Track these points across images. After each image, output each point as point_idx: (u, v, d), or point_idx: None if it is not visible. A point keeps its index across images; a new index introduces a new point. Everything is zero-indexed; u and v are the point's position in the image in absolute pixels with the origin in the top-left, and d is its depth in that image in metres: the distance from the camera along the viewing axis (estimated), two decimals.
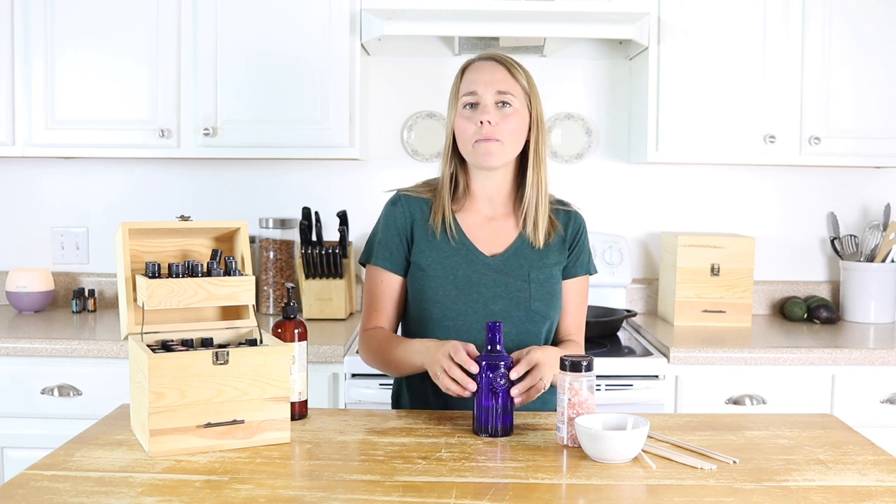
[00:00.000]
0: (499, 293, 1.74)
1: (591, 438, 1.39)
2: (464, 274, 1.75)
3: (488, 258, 1.76)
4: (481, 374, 1.52)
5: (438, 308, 1.75)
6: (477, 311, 1.74)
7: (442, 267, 1.75)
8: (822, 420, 1.66)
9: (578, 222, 1.83)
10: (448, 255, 1.76)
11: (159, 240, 1.57)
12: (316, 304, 2.75)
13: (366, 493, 1.25)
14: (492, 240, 1.78)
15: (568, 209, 1.84)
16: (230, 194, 2.98)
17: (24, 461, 2.05)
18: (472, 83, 1.71)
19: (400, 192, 1.83)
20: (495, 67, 1.71)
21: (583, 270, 1.83)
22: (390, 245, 1.79)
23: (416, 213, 1.79)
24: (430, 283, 1.75)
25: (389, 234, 1.79)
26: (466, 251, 1.76)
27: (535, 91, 1.75)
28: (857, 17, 2.61)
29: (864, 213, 3.00)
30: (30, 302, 2.83)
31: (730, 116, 2.63)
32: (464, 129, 1.71)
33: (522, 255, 1.77)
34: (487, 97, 1.69)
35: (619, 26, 2.57)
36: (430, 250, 1.76)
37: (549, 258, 1.78)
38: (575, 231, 1.82)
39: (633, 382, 2.32)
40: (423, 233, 1.78)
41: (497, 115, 1.69)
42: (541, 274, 1.76)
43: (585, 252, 1.84)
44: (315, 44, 2.60)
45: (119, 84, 2.62)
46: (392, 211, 1.81)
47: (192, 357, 1.42)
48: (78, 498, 1.23)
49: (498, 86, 1.69)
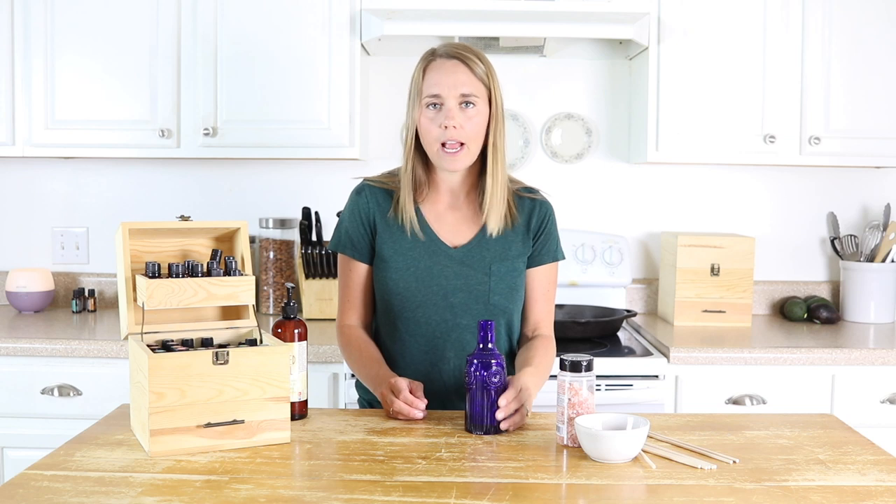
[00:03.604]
0: (459, 286, 1.76)
1: (591, 438, 1.39)
2: (425, 266, 1.76)
3: (451, 249, 1.77)
4: (473, 373, 1.53)
5: (399, 299, 1.77)
6: (436, 304, 1.76)
7: (403, 258, 1.77)
8: (822, 420, 1.66)
9: (545, 210, 1.83)
10: (410, 246, 1.77)
11: (159, 240, 1.57)
12: (316, 304, 2.75)
13: (366, 493, 1.25)
14: (455, 231, 1.79)
15: (534, 197, 1.84)
16: (230, 194, 2.98)
17: (24, 461, 2.05)
18: (434, 85, 1.71)
19: (365, 182, 1.85)
20: (457, 67, 1.71)
21: (549, 258, 1.84)
22: (355, 234, 1.81)
23: (380, 203, 1.81)
24: (391, 274, 1.77)
25: (354, 224, 1.82)
26: (429, 242, 1.77)
27: (495, 81, 1.75)
28: (857, 17, 2.61)
29: (864, 213, 3.01)
30: (30, 302, 2.83)
31: (729, 116, 2.63)
32: (428, 129, 1.72)
33: (485, 247, 1.78)
34: (451, 101, 1.70)
35: (619, 26, 2.57)
36: (393, 241, 1.78)
37: (511, 249, 1.78)
38: (540, 219, 1.82)
39: (633, 382, 2.32)
40: (386, 223, 1.79)
41: (461, 118, 1.70)
42: (502, 266, 1.77)
43: (553, 239, 1.84)
44: (315, 44, 2.60)
45: (119, 84, 2.62)
46: (356, 200, 1.83)
47: (192, 357, 1.42)
48: (78, 498, 1.23)
49: (461, 88, 1.70)
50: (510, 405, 1.54)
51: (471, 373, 1.53)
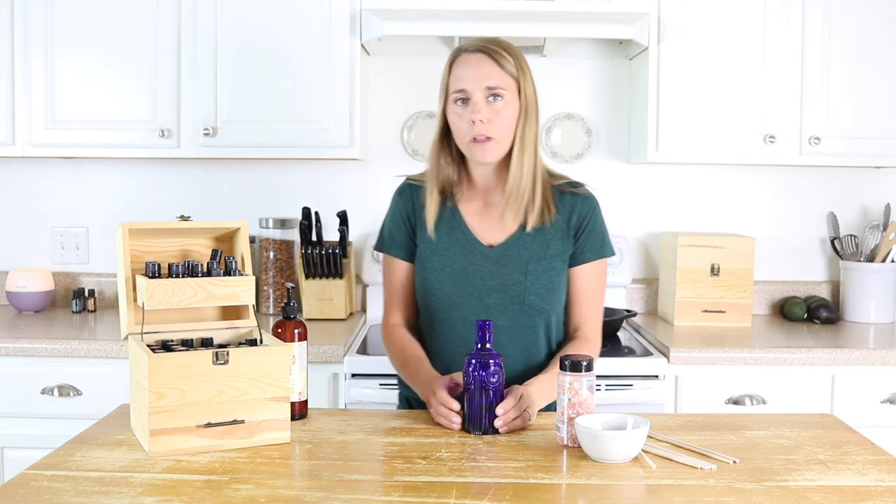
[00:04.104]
0: (494, 286, 1.73)
1: (591, 438, 1.39)
2: (461, 266, 1.74)
3: (487, 248, 1.75)
4: (472, 373, 1.53)
5: (434, 300, 1.76)
6: (472, 305, 1.73)
7: (439, 258, 1.75)
8: (822, 420, 1.66)
9: (588, 205, 1.78)
10: (447, 245, 1.76)
11: (159, 240, 1.57)
12: (316, 304, 2.75)
13: (366, 493, 1.25)
14: (493, 229, 1.76)
15: (576, 191, 1.79)
16: (230, 194, 2.98)
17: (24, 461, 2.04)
18: (460, 80, 1.69)
19: (407, 181, 1.84)
20: (483, 60, 1.68)
21: (593, 255, 1.77)
22: (397, 234, 1.81)
23: (421, 201, 1.79)
24: (427, 274, 1.76)
25: (396, 223, 1.81)
26: (465, 241, 1.75)
27: (527, 74, 1.72)
28: (857, 17, 2.61)
29: (864, 213, 3.00)
30: (30, 302, 2.83)
31: (730, 116, 2.63)
32: (457, 125, 1.70)
33: (522, 246, 1.74)
34: (477, 94, 1.67)
35: (619, 26, 2.57)
36: (429, 241, 1.77)
37: (550, 248, 1.74)
38: (582, 216, 1.77)
39: (633, 382, 2.32)
40: (425, 223, 1.77)
41: (489, 112, 1.67)
42: (539, 266, 1.73)
43: (596, 235, 1.78)
44: (315, 44, 2.60)
45: (119, 84, 2.62)
46: (398, 199, 1.83)
47: (192, 357, 1.42)
48: (78, 498, 1.23)
49: (487, 81, 1.67)
50: (508, 413, 1.53)
51: (469, 373, 1.53)
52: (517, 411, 1.54)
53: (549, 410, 1.71)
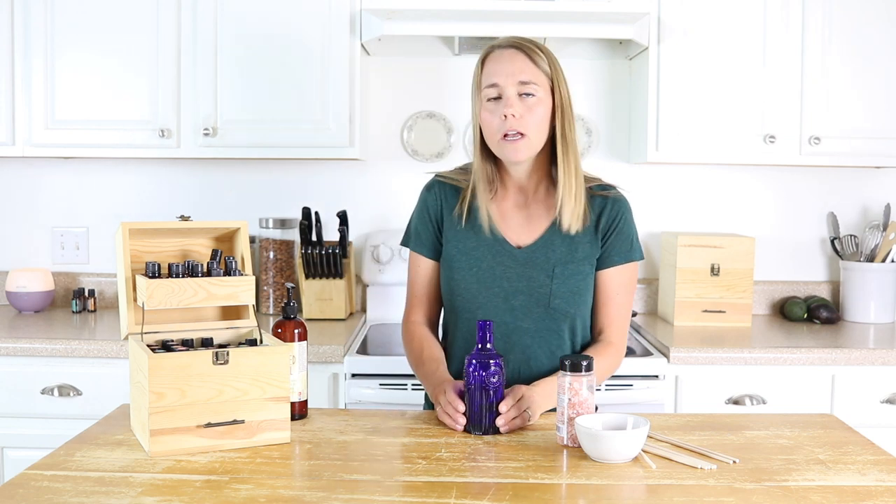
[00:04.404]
0: (520, 287, 1.72)
1: (591, 438, 1.39)
2: (487, 266, 1.73)
3: (515, 250, 1.73)
4: (472, 373, 1.53)
5: (460, 300, 1.74)
6: (497, 306, 1.72)
7: (466, 258, 1.74)
8: (822, 420, 1.65)
9: (617, 208, 1.75)
10: (475, 245, 1.74)
11: (159, 240, 1.57)
12: (316, 304, 2.75)
13: (366, 493, 1.25)
14: (522, 230, 1.74)
15: (607, 194, 1.76)
16: (230, 194, 2.98)
17: (24, 461, 2.05)
18: (492, 74, 1.66)
19: (436, 177, 1.82)
20: (515, 56, 1.66)
21: (621, 259, 1.74)
22: (423, 231, 1.80)
23: (448, 199, 1.78)
24: (454, 274, 1.75)
25: (423, 220, 1.80)
26: (494, 242, 1.73)
27: (560, 73, 1.69)
28: (857, 17, 2.61)
29: (864, 213, 3.00)
30: (30, 302, 2.83)
31: (730, 116, 2.63)
32: (489, 122, 1.67)
33: (551, 248, 1.72)
34: (509, 89, 1.64)
35: (619, 26, 2.57)
36: (457, 240, 1.75)
37: (578, 251, 1.72)
38: (611, 219, 1.74)
39: (633, 382, 2.32)
40: (452, 221, 1.76)
41: (521, 107, 1.64)
42: (566, 269, 1.71)
43: (625, 239, 1.75)
44: (315, 44, 2.60)
45: (119, 84, 2.62)
46: (426, 196, 1.81)
47: (192, 357, 1.42)
48: (78, 498, 1.23)
49: (519, 76, 1.64)
50: (509, 413, 1.53)
51: (469, 373, 1.53)
52: (516, 411, 1.54)
53: (550, 410, 1.71)
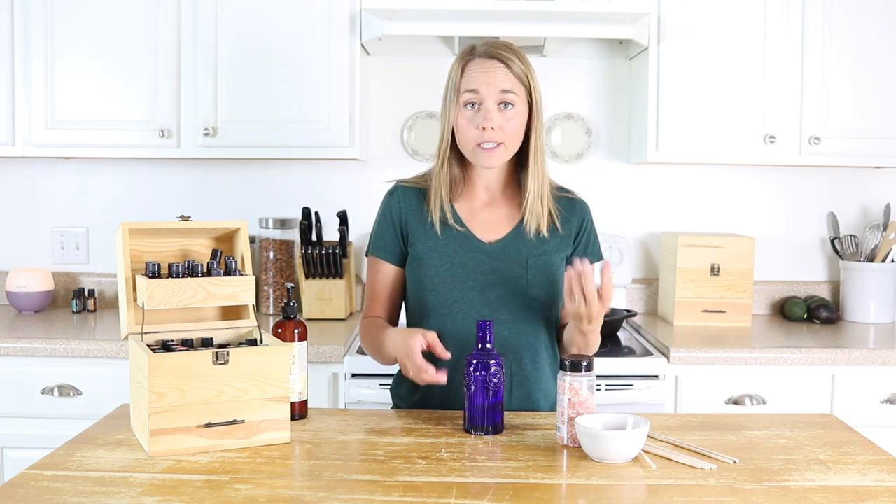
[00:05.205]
0: (495, 280, 1.73)
1: (591, 438, 1.39)
2: (460, 261, 1.74)
3: (486, 245, 1.75)
4: (473, 373, 1.52)
5: (434, 296, 1.75)
6: (473, 299, 1.73)
7: (438, 255, 1.75)
8: (822, 420, 1.66)
9: (584, 210, 1.82)
10: (445, 243, 1.75)
11: (159, 240, 1.57)
12: (316, 304, 2.75)
13: (366, 493, 1.25)
14: (490, 226, 1.77)
15: (571, 196, 1.83)
16: (230, 194, 2.98)
17: (24, 461, 2.05)
18: (474, 82, 1.69)
19: (398, 184, 1.84)
20: (497, 67, 1.69)
21: (595, 259, 1.82)
22: (385, 236, 1.80)
23: (412, 203, 1.79)
24: (426, 271, 1.75)
25: (385, 225, 1.81)
26: (464, 238, 1.75)
27: (535, 80, 1.74)
28: (857, 17, 2.61)
29: (864, 213, 3.00)
30: (30, 302, 2.83)
31: (730, 116, 2.63)
32: (466, 129, 1.70)
33: (521, 242, 1.75)
34: (490, 101, 1.68)
35: (619, 26, 2.57)
36: (427, 240, 1.76)
37: (548, 244, 1.76)
38: (580, 220, 1.80)
39: (633, 382, 2.32)
40: (420, 223, 1.77)
41: (500, 119, 1.68)
42: (539, 261, 1.74)
43: (595, 240, 1.83)
44: (315, 44, 2.60)
45: (119, 84, 2.62)
46: (388, 201, 1.82)
47: (192, 357, 1.42)
48: (78, 498, 1.23)
49: (501, 86, 1.68)
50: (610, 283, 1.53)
51: (470, 373, 1.53)
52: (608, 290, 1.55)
53: (550, 410, 1.71)
